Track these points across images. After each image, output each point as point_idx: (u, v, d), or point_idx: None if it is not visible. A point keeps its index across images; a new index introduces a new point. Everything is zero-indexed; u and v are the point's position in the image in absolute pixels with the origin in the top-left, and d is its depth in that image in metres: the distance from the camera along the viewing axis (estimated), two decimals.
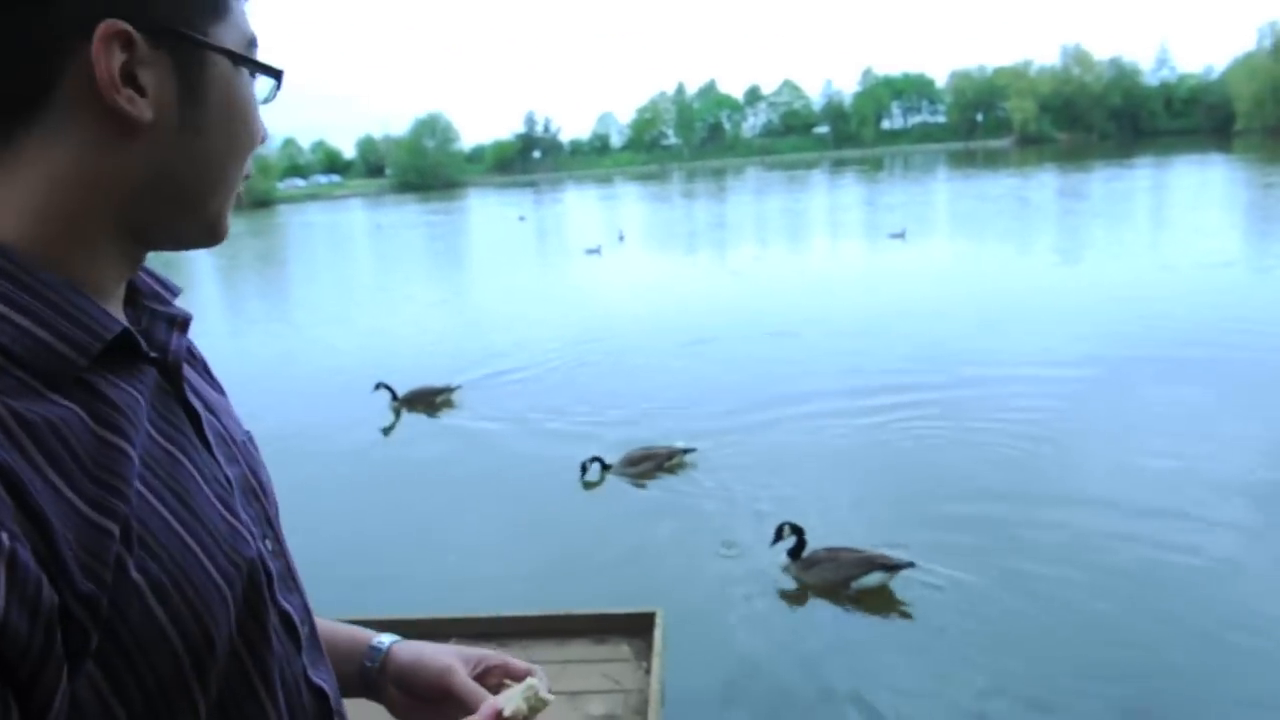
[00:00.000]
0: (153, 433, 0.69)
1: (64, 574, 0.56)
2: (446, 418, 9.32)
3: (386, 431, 9.09)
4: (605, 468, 7.23)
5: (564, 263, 22.64)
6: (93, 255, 0.69)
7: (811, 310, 13.19)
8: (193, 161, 0.71)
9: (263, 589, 0.73)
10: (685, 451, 7.32)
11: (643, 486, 7.04)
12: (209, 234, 0.76)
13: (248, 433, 0.87)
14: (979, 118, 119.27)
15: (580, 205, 51.17)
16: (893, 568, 5.11)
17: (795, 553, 5.33)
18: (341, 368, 11.43)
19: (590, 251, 22.50)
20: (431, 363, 11.21)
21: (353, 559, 5.87)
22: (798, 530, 5.35)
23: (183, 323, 0.79)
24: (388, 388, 9.47)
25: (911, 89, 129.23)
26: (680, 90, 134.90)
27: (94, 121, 0.65)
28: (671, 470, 7.22)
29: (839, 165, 79.27)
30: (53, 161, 0.65)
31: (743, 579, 5.44)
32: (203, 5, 0.70)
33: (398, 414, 9.39)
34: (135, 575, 0.60)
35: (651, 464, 7.18)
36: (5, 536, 0.53)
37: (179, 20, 0.69)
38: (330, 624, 0.98)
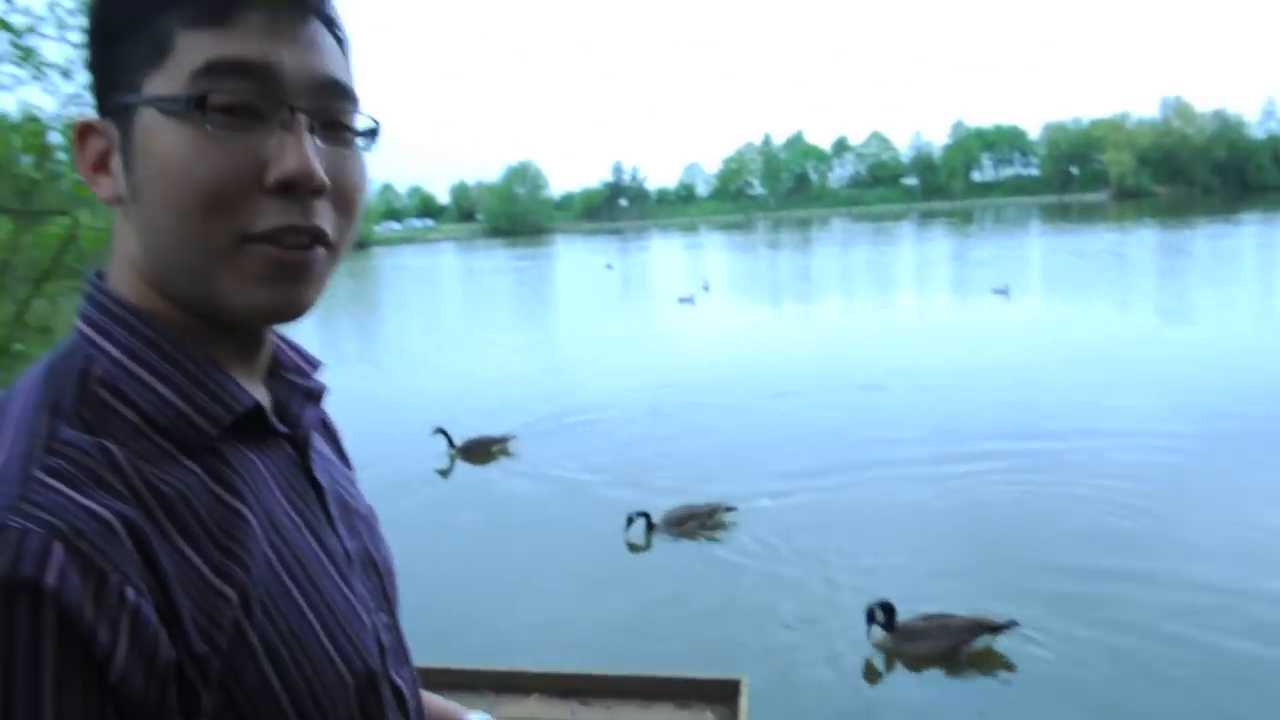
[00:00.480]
0: (282, 502, 0.71)
1: (181, 634, 0.58)
2: (501, 467, 9.26)
3: (444, 474, 9.16)
4: (651, 526, 7.08)
5: (651, 310, 22.76)
6: (198, 328, 0.70)
7: (901, 364, 12.93)
8: (145, 230, 0.66)
9: (377, 663, 0.73)
10: (727, 509, 7.19)
11: (700, 544, 6.91)
12: (225, 304, 0.67)
13: (370, 507, 0.87)
14: (1074, 170, 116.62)
15: (666, 254, 51.41)
16: (997, 629, 4.97)
17: (888, 624, 5.13)
18: (417, 408, 11.60)
19: (683, 300, 22.46)
20: (506, 406, 11.39)
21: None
22: (888, 608, 5.13)
23: (317, 396, 0.81)
24: (445, 434, 9.42)
25: (1003, 141, 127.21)
26: (767, 141, 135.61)
27: (113, 209, 0.70)
28: (713, 529, 7.09)
29: (927, 217, 78.25)
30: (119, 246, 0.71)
31: (819, 644, 5.28)
32: (136, 58, 0.65)
33: (453, 461, 9.41)
34: (253, 640, 0.62)
35: (695, 522, 7.09)
36: (131, 592, 0.55)
37: (120, 87, 0.66)
38: (424, 695, 0.98)
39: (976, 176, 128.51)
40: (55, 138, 4.13)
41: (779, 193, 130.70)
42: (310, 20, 0.68)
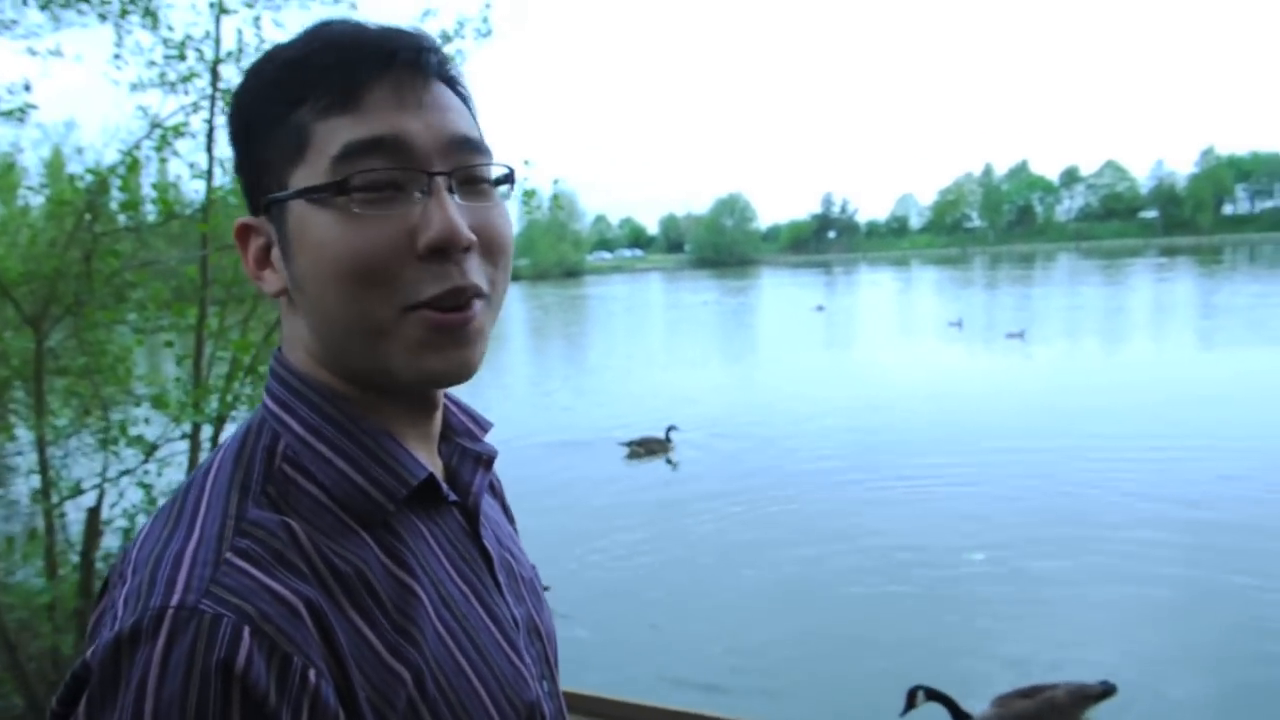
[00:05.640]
0: (450, 573, 0.72)
1: (356, 713, 0.60)
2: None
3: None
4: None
5: (856, 353, 22.11)
6: (373, 400, 0.72)
7: (1117, 417, 11.97)
8: (314, 316, 0.69)
9: None
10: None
11: None
12: (396, 375, 0.69)
13: (533, 568, 0.88)
14: None
15: (880, 290, 48.10)
16: (1099, 696, 4.78)
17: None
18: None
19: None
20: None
21: None
22: (941, 698, 4.63)
23: (487, 460, 0.82)
24: None
25: (1261, 170, 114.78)
26: (988, 171, 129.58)
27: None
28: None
29: (1169, 254, 71.77)
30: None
31: None
32: (280, 157, 0.68)
33: None
34: (425, 715, 0.64)
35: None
36: (313, 674, 0.57)
37: (271, 185, 0.69)
38: None
39: (1229, 210, 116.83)
40: None
41: (999, 226, 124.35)
42: (432, 85, 0.69)
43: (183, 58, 4.10)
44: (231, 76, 4.34)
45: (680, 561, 7.69)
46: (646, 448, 11.15)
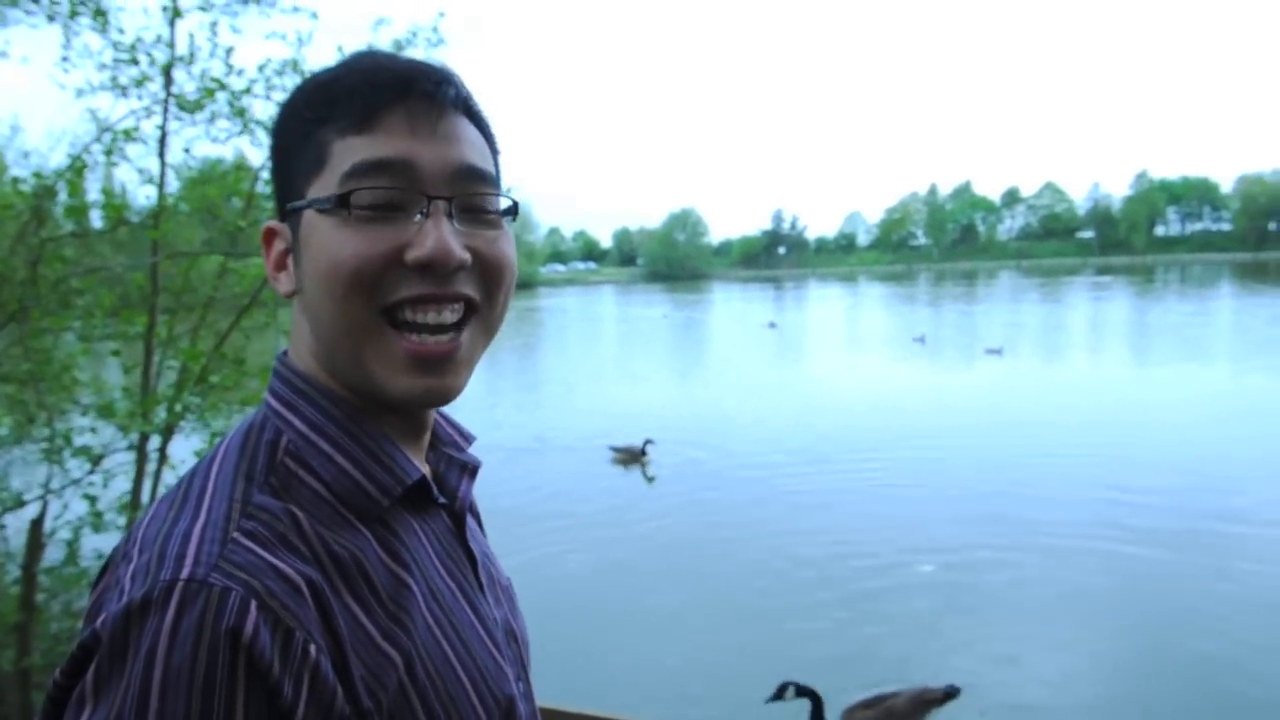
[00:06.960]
0: (440, 570, 0.76)
1: (350, 690, 0.64)
2: None
3: None
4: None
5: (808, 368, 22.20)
6: (370, 405, 0.76)
7: (1069, 433, 12.25)
8: (310, 317, 0.75)
9: None
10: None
11: None
12: (380, 391, 0.73)
13: (508, 578, 0.94)
14: (1271, 227, 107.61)
15: (831, 308, 47.69)
16: (942, 699, 4.93)
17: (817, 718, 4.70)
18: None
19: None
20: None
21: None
22: (809, 694, 4.67)
23: (473, 470, 0.87)
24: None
25: (1191, 194, 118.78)
26: (933, 191, 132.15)
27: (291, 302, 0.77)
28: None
29: (1104, 273, 73.80)
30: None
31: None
32: (303, 169, 0.73)
33: None
34: (413, 700, 0.67)
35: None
36: (314, 648, 0.61)
37: (293, 195, 0.74)
38: None
39: (1160, 231, 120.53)
40: (261, 186, 4.53)
41: (944, 244, 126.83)
42: (448, 116, 0.74)
43: (134, 61, 4.03)
44: (184, 81, 4.27)
45: (616, 575, 7.67)
46: (623, 456, 11.53)
